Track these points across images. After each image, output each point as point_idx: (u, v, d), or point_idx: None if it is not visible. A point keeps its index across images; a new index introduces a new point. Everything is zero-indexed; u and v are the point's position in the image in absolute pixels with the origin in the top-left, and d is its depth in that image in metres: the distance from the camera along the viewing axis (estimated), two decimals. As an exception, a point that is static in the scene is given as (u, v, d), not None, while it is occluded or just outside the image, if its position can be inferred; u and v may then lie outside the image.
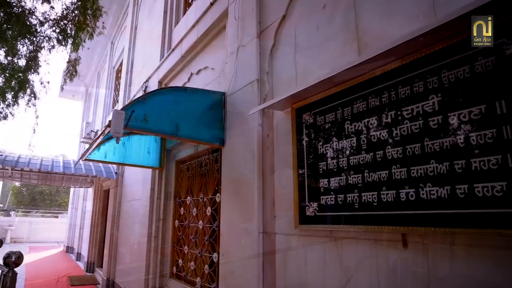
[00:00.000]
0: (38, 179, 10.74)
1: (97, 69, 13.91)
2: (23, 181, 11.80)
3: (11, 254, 2.33)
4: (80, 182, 10.83)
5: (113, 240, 7.30)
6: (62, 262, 12.25)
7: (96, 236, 9.79)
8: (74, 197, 15.44)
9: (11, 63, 6.63)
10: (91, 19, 6.18)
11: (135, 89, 7.29)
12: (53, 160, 9.50)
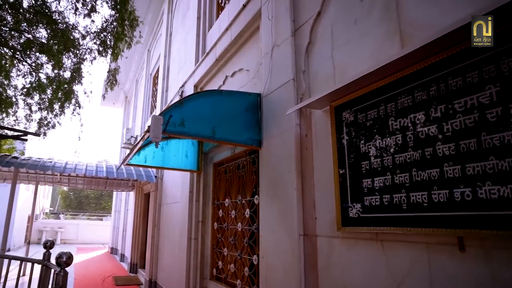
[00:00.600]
0: (84, 183, 11.33)
1: (135, 76, 14.46)
2: (70, 185, 12.49)
3: (62, 255, 2.45)
4: (122, 186, 11.29)
5: (154, 242, 7.50)
6: (107, 263, 12.81)
7: (138, 238, 10.14)
8: (116, 200, 16.13)
9: (57, 76, 7.04)
10: (129, 30, 6.41)
11: (172, 94, 7.47)
12: (97, 166, 9.96)
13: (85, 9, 6.08)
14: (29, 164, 8.76)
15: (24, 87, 7.33)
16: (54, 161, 9.53)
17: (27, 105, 7.58)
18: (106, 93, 8.89)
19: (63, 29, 6.29)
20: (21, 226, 18.56)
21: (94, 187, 12.07)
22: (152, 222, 7.75)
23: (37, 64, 7.12)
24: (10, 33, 6.47)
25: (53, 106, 7.36)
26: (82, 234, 22.38)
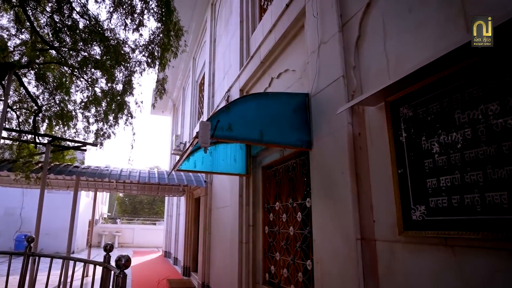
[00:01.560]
0: (138, 189, 11.90)
1: (182, 84, 14.97)
2: (125, 192, 13.19)
3: (121, 258, 2.54)
4: (173, 192, 11.69)
5: (206, 246, 7.64)
6: (161, 266, 13.32)
7: (190, 242, 10.41)
8: (168, 205, 16.75)
9: (111, 89, 7.44)
10: (174, 40, 6.60)
11: (218, 100, 7.60)
12: (149, 172, 10.41)
13: (133, 24, 6.33)
14: (89, 173, 9.41)
15: (82, 101, 7.89)
16: (111, 169, 10.14)
17: (85, 117, 8.13)
18: (156, 102, 9.25)
19: (115, 45, 6.64)
20: (83, 230, 19.98)
21: (147, 192, 12.66)
22: (203, 226, 7.91)
23: (93, 79, 7.62)
24: (69, 52, 6.97)
25: (108, 118, 7.78)
26: (138, 238, 23.56)
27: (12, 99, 7.87)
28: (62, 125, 8.20)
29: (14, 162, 8.77)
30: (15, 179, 9.08)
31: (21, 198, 16.89)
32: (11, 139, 8.72)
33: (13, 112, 8.08)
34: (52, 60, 7.37)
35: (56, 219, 16.61)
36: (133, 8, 6.18)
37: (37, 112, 7.82)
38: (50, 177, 9.75)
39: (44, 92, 7.91)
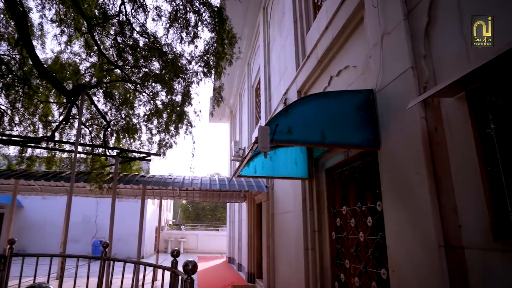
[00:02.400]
0: (200, 196, 12.33)
1: (238, 91, 15.28)
2: (188, 199, 13.73)
3: (188, 263, 2.63)
4: (235, 197, 11.90)
5: (270, 252, 7.62)
6: (225, 272, 13.60)
7: (253, 248, 10.49)
8: (230, 211, 17.10)
9: (170, 101, 7.84)
10: (228, 48, 6.76)
11: (275, 103, 7.59)
12: (210, 179, 10.72)
13: (189, 37, 6.60)
14: (154, 181, 9.98)
15: (145, 114, 8.46)
16: (174, 177, 10.63)
17: (148, 129, 8.68)
18: (214, 111, 9.53)
19: (172, 58, 6.99)
20: (151, 237, 21.25)
21: (209, 199, 13.07)
22: (266, 232, 7.91)
23: (154, 93, 8.12)
24: (132, 70, 7.53)
25: (169, 128, 8.24)
26: (202, 244, 24.41)
27: (85, 117, 8.69)
28: (128, 138, 8.86)
29: (88, 174, 9.67)
30: (90, 189, 9.97)
31: (96, 206, 18.65)
32: (85, 153, 9.67)
33: (86, 128, 8.93)
34: (117, 79, 8.03)
35: (126, 225, 18.03)
36: (188, 22, 6.46)
37: (106, 127, 8.55)
38: (119, 187, 10.50)
39: (112, 108, 8.66)
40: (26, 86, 7.77)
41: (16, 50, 7.44)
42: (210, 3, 6.26)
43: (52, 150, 9.56)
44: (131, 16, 6.58)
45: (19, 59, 7.52)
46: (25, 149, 9.23)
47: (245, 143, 12.28)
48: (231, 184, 9.53)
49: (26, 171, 9.91)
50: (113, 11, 6.55)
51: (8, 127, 8.45)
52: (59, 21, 6.88)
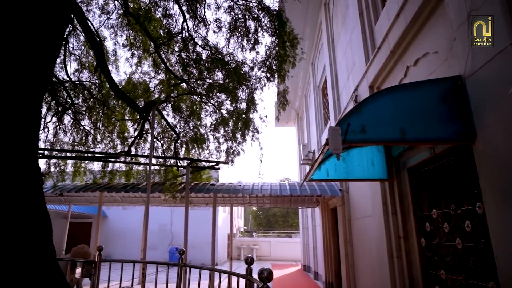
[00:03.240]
0: (270, 202, 12.37)
1: (303, 92, 15.14)
2: (258, 205, 13.84)
3: (264, 271, 2.64)
4: (307, 203, 11.71)
5: (349, 260, 7.31)
6: (301, 280, 13.41)
7: (330, 255, 10.17)
8: (303, 217, 16.90)
9: (235, 109, 8.03)
10: (290, 50, 6.73)
11: (345, 102, 7.32)
12: (280, 185, 10.69)
13: (249, 44, 6.71)
14: (224, 189, 10.28)
15: (212, 124, 8.77)
16: (243, 184, 10.82)
17: (216, 138, 8.99)
18: (279, 115, 9.53)
19: (235, 67, 7.17)
20: (223, 244, 21.94)
21: (280, 205, 13.03)
22: (344, 239, 7.60)
23: (219, 102, 8.42)
24: (196, 82, 7.90)
25: (235, 136, 8.44)
26: (275, 251, 24.46)
27: (156, 131, 9.29)
28: (197, 148, 9.28)
29: (162, 184, 10.33)
30: (165, 199, 10.61)
31: (170, 215, 19.87)
32: (158, 165, 10.39)
33: (158, 141, 9.56)
34: (184, 92, 8.47)
35: (199, 233, 18.94)
36: (248, 30, 6.60)
37: (176, 139, 9.08)
38: (191, 196, 11.00)
39: (180, 120, 9.17)
40: (105, 107, 8.65)
41: (95, 76, 8.34)
42: (268, 8, 6.33)
43: (130, 164, 10.50)
44: (193, 32, 6.98)
45: (98, 84, 8.45)
46: (107, 164, 10.22)
47: (315, 145, 12.05)
48: (302, 189, 9.39)
49: (108, 184, 10.96)
50: (176, 29, 7.01)
51: (92, 145, 9.48)
52: (129, 45, 7.67)
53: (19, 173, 1.85)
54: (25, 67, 1.98)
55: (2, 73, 1.87)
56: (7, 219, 1.75)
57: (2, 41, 1.88)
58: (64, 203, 13.98)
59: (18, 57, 1.95)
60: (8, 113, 1.86)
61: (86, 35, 6.03)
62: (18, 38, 1.94)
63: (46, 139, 9.04)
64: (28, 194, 1.89)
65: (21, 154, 1.90)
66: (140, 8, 7.19)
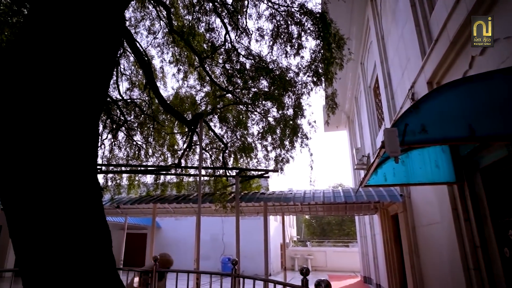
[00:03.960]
0: (323, 210, 12.08)
1: (353, 94, 14.76)
2: (311, 213, 13.59)
3: (321, 282, 2.54)
4: (363, 210, 11.27)
5: (415, 272, 6.86)
6: (364, 293, 12.83)
7: (392, 266, 9.64)
8: (360, 225, 16.28)
9: (282, 116, 8.03)
10: (337, 51, 6.64)
11: (400, 101, 6.97)
12: (333, 191, 10.40)
13: (293, 49, 6.70)
14: (274, 198, 10.23)
15: (259, 132, 8.84)
16: (294, 192, 10.68)
17: (264, 147, 9.05)
18: (329, 119, 9.34)
19: (279, 74, 7.18)
20: (276, 254, 21.80)
21: (334, 213, 12.68)
22: (408, 248, 7.16)
23: (265, 110, 8.47)
24: (242, 92, 8.00)
25: (284, 143, 8.43)
26: (331, 261, 23.81)
27: (204, 142, 9.58)
28: (245, 157, 9.38)
29: (212, 194, 10.56)
30: (215, 209, 10.81)
31: (221, 225, 20.18)
32: (208, 175, 10.70)
33: (207, 152, 9.83)
34: (229, 103, 8.64)
35: (251, 243, 19.01)
36: (290, 35, 6.62)
37: (224, 149, 9.24)
38: (241, 205, 11.08)
39: (227, 131, 9.35)
40: (155, 122, 9.11)
41: (145, 93, 8.84)
42: (311, 11, 6.30)
43: (180, 176, 10.89)
44: (236, 42, 7.17)
45: (148, 100, 8.95)
46: (159, 177, 10.79)
47: (369, 149, 11.62)
48: (358, 196, 9.05)
49: (161, 195, 11.47)
50: (219, 41, 7.26)
51: (144, 159, 10.00)
52: (175, 62, 8.10)
53: (82, 188, 2.02)
54: (85, 91, 2.19)
55: (66, 97, 2.09)
56: (72, 231, 1.90)
57: (65, 68, 2.11)
58: (121, 215, 14.79)
59: (79, 82, 2.16)
60: (71, 133, 2.06)
61: (135, 55, 6.55)
62: (78, 65, 2.17)
63: (103, 155, 9.68)
64: (90, 207, 2.04)
65: (83, 170, 2.08)
66: (184, 25, 7.54)
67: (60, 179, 1.96)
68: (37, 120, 2.01)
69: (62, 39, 2.22)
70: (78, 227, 1.96)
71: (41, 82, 2.08)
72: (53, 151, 2.00)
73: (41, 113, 2.03)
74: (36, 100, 2.05)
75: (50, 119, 2.04)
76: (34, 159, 1.94)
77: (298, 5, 6.41)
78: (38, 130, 2.00)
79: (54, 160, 1.98)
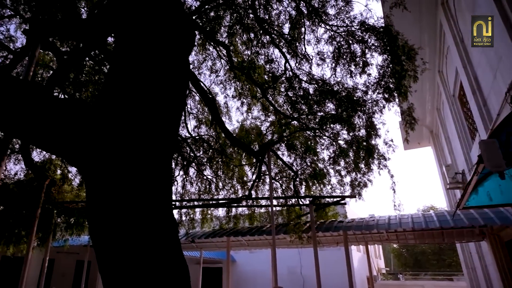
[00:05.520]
0: (414, 238, 11.09)
1: (433, 106, 13.89)
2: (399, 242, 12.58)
3: None
4: (466, 236, 10.10)
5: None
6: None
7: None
8: (464, 254, 14.48)
9: (354, 137, 7.87)
10: (408, 63, 6.40)
11: (495, 107, 6.34)
12: (424, 216, 9.57)
13: (358, 68, 6.66)
14: (355, 226, 9.72)
15: (330, 157, 8.65)
16: (377, 219, 10.00)
17: (337, 172, 8.80)
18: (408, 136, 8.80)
19: (346, 95, 7.12)
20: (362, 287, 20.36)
21: (428, 240, 11.52)
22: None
23: (334, 133, 8.30)
24: (307, 118, 8.03)
25: (358, 166, 8.21)
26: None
27: (273, 171, 9.64)
28: (317, 184, 9.24)
29: (286, 225, 10.43)
30: (291, 240, 10.58)
31: (299, 257, 19.56)
32: (280, 205, 10.76)
33: (277, 182, 9.90)
34: (295, 129, 8.64)
35: (332, 276, 18.13)
36: (353, 54, 6.62)
37: (294, 178, 9.23)
38: (319, 235, 10.74)
39: (296, 158, 9.27)
40: (223, 156, 9.51)
41: (212, 129, 9.39)
42: (373, 27, 6.28)
43: (252, 207, 11.12)
44: (297, 69, 7.35)
45: (215, 135, 9.50)
46: (231, 209, 11.13)
47: (462, 165, 10.57)
48: (457, 219, 8.16)
49: (234, 228, 11.71)
50: (279, 71, 7.48)
51: (215, 193, 10.35)
52: (238, 95, 8.58)
53: (160, 224, 2.23)
54: (161, 134, 2.51)
55: (146, 141, 2.40)
56: (154, 267, 2.09)
57: (143, 116, 2.46)
58: (196, 249, 15.28)
59: (155, 127, 2.49)
60: (150, 174, 2.32)
61: (200, 94, 7.00)
62: (153, 111, 2.52)
63: (176, 191, 10.28)
64: (168, 243, 2.22)
65: (161, 208, 2.29)
66: (244, 60, 7.90)
67: (142, 218, 2.19)
68: (121, 164, 2.29)
69: (139, 90, 2.56)
70: (160, 262, 2.13)
71: (124, 129, 2.39)
72: (136, 192, 2.24)
73: (125, 157, 2.31)
74: (119, 146, 2.34)
75: (133, 162, 2.32)
76: (120, 202, 2.19)
77: (358, 23, 6.41)
78: (122, 174, 2.26)
79: (137, 200, 2.22)
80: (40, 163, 9.19)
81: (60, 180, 9.75)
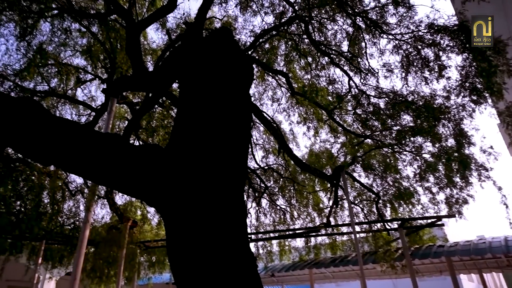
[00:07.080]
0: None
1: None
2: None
3: None
4: None
5: None
6: None
7: None
8: None
9: (441, 149, 7.38)
10: (496, 57, 5.98)
11: None
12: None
13: (433, 73, 6.34)
14: (459, 250, 8.66)
15: (415, 173, 8.11)
16: (488, 241, 8.87)
17: (426, 189, 8.21)
18: (511, 138, 7.99)
19: (423, 103, 6.72)
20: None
21: None
22: None
23: (415, 147, 7.89)
24: (382, 134, 7.74)
25: (452, 181, 7.63)
26: None
27: (351, 195, 9.35)
28: (405, 205, 8.69)
29: (374, 253, 9.71)
30: (382, 270, 9.89)
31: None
32: (364, 231, 10.13)
33: (357, 206, 9.51)
34: (370, 148, 8.40)
35: (438, 308, 16.14)
36: (425, 59, 6.33)
37: (377, 200, 8.83)
38: (415, 263, 9.94)
39: (375, 178, 8.91)
40: (295, 183, 9.46)
41: (280, 157, 9.44)
42: (445, 27, 5.94)
43: (332, 235, 10.68)
44: (362, 85, 7.22)
45: (284, 164, 9.54)
46: (309, 239, 10.97)
47: None
48: None
49: (315, 259, 11.20)
50: (343, 90, 7.43)
51: (291, 222, 10.22)
52: (303, 121, 8.55)
53: (239, 259, 2.30)
54: (232, 169, 2.67)
55: (220, 177, 2.56)
56: None
57: (214, 154, 2.66)
58: (276, 284, 14.93)
59: (227, 162, 2.66)
60: (224, 209, 2.45)
61: (264, 124, 7.19)
62: (224, 149, 2.71)
63: (250, 224, 10.26)
64: (248, 278, 2.26)
65: (238, 242, 2.38)
66: (304, 85, 7.97)
67: (221, 254, 2.29)
68: (196, 202, 2.46)
69: (206, 129, 2.78)
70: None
71: (196, 168, 2.59)
72: (212, 228, 2.37)
73: (199, 195, 2.48)
74: (193, 185, 2.51)
75: (207, 198, 2.48)
76: (198, 239, 2.33)
77: (426, 26, 6.15)
78: (198, 212, 2.42)
79: (214, 237, 2.34)
80: (122, 206, 9.93)
81: (141, 220, 10.40)
